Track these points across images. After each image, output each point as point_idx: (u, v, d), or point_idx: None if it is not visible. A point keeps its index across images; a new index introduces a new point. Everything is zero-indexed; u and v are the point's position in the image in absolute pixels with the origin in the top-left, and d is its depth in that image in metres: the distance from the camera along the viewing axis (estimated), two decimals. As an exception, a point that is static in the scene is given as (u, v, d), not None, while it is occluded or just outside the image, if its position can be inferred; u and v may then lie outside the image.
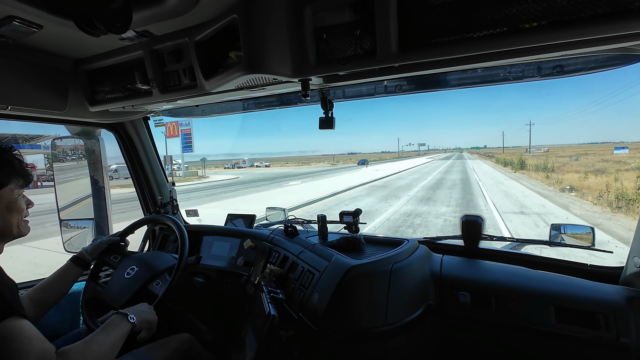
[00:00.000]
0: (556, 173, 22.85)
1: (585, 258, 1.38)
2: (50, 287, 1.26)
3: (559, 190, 15.64)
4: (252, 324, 1.19)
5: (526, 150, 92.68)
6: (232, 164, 74.84)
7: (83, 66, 1.38)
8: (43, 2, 0.82)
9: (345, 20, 0.91)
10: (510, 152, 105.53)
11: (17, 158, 0.99)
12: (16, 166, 0.97)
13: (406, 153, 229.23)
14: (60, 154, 2.03)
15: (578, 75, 1.11)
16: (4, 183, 0.93)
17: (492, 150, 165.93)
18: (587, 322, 1.00)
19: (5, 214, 0.94)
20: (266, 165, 67.00)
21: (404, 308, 1.12)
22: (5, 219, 0.94)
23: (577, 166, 27.82)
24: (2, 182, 0.93)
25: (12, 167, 0.96)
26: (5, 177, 0.93)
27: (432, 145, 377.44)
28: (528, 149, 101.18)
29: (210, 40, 1.09)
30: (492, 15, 0.75)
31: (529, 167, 27.56)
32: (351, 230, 1.57)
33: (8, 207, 0.94)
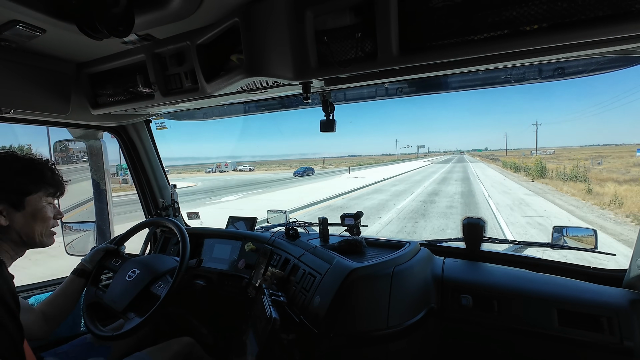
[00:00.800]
0: (587, 182, 16.67)
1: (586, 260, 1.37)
2: (57, 301, 1.26)
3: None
4: (253, 327, 1.18)
5: (531, 153, 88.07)
6: (213, 167, 69.37)
7: (85, 69, 1.39)
8: (46, 7, 0.83)
9: (346, 23, 0.91)
10: (512, 154, 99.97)
11: (50, 169, 1.01)
12: (47, 175, 0.99)
13: (404, 155, 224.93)
14: (62, 156, 2.04)
15: (579, 77, 1.11)
16: (32, 190, 0.94)
17: (495, 153, 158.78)
18: (591, 326, 0.99)
19: (30, 221, 0.94)
20: (250, 169, 62.92)
21: (406, 311, 1.11)
22: (30, 227, 0.94)
23: (606, 172, 22.54)
24: (30, 190, 0.94)
25: (42, 176, 0.97)
26: (34, 185, 0.95)
27: (432, 148, 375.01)
28: (534, 150, 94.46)
29: (212, 43, 1.10)
30: (492, 18, 0.76)
31: (551, 174, 21.23)
32: (352, 233, 1.56)
33: (33, 215, 0.95)
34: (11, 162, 0.93)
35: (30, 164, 0.97)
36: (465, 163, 56.47)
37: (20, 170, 0.94)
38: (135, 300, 1.35)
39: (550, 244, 1.40)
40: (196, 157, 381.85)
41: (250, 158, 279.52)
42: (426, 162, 68.28)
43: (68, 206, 1.93)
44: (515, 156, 69.28)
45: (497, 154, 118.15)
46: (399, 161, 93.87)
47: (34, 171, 0.96)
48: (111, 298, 1.40)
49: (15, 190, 0.92)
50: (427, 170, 38.89)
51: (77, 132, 1.91)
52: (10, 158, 0.94)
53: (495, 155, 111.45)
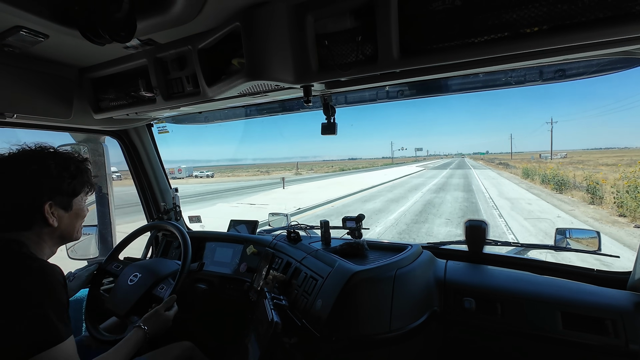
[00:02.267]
0: None
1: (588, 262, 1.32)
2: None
3: None
4: (255, 331, 1.18)
5: (540, 156, 78.66)
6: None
7: (88, 74, 1.40)
8: (49, 13, 0.84)
9: (347, 26, 0.91)
10: (518, 157, 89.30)
11: (90, 168, 1.04)
12: (89, 175, 1.03)
13: (401, 159, 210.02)
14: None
15: (580, 79, 1.11)
16: (78, 191, 0.98)
17: (498, 156, 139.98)
18: (595, 329, 0.98)
19: (73, 220, 0.99)
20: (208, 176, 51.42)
21: (408, 314, 1.10)
22: (72, 224, 0.99)
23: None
24: (77, 190, 0.98)
25: (87, 176, 1.01)
26: (80, 186, 0.98)
27: (431, 151, 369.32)
28: (544, 154, 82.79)
29: (213, 47, 1.10)
30: (493, 21, 0.76)
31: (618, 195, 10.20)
32: (354, 236, 1.56)
33: (77, 214, 0.99)
34: (66, 165, 0.95)
35: (79, 165, 0.99)
36: (467, 169, 42.50)
37: (73, 172, 0.96)
38: (138, 304, 1.35)
39: (553, 246, 1.39)
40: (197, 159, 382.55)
41: (251, 161, 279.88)
42: (419, 167, 55.49)
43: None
44: (524, 160, 62.01)
45: (500, 158, 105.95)
46: (383, 167, 75.83)
47: (82, 172, 1.00)
48: (113, 302, 1.40)
49: (67, 193, 0.95)
50: (412, 182, 24.17)
51: (79, 136, 1.92)
52: (64, 160, 0.96)
53: (500, 159, 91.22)
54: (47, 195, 0.89)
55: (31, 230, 0.89)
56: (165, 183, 2.17)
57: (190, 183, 38.50)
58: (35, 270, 0.80)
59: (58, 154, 0.96)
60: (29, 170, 0.88)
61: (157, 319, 1.22)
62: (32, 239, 0.89)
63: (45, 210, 0.89)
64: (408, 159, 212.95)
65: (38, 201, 0.88)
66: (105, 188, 1.99)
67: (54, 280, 0.81)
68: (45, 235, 0.92)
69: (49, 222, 0.90)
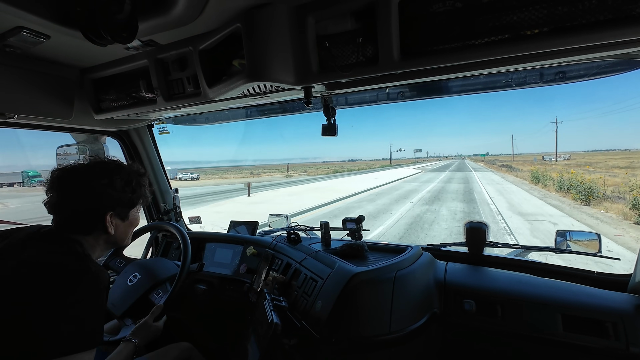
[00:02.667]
0: None
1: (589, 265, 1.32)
2: None
3: None
4: (255, 332, 1.18)
5: (542, 158, 74.38)
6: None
7: (89, 75, 1.41)
8: (51, 13, 0.84)
9: (348, 28, 0.92)
10: (519, 159, 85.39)
11: (147, 182, 1.12)
12: (146, 188, 1.10)
13: (402, 161, 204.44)
14: (65, 161, 2.04)
15: (581, 81, 1.11)
16: (135, 203, 1.06)
17: (499, 158, 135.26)
18: (596, 331, 0.98)
19: (128, 228, 1.06)
20: (193, 178, 49.11)
21: (408, 316, 1.10)
22: (125, 232, 1.06)
23: None
24: (135, 203, 1.05)
25: (144, 189, 1.09)
26: (137, 198, 1.06)
27: (431, 152, 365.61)
28: (547, 155, 78.96)
29: (214, 48, 1.10)
30: (493, 23, 0.76)
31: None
32: (354, 237, 1.56)
33: (132, 223, 1.07)
34: (129, 180, 1.02)
35: (139, 180, 1.06)
36: (468, 172, 38.27)
37: (134, 187, 1.03)
38: (134, 307, 1.35)
39: (553, 248, 1.39)
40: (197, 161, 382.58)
41: (251, 162, 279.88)
42: (416, 170, 50.23)
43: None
44: (527, 162, 57.27)
45: (502, 159, 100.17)
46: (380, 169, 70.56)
47: (141, 186, 1.07)
48: (112, 301, 1.40)
49: (127, 204, 1.02)
50: (403, 188, 20.19)
51: (80, 136, 1.92)
52: (127, 175, 1.02)
53: (501, 161, 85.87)
54: (110, 207, 0.97)
55: (91, 235, 0.96)
56: (165, 184, 2.17)
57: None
58: (92, 272, 0.84)
59: (123, 169, 1.03)
60: (99, 183, 0.95)
61: (147, 330, 1.24)
62: (90, 241, 0.96)
63: (106, 220, 0.96)
64: (407, 160, 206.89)
65: (102, 211, 0.95)
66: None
67: (103, 287, 0.85)
68: (101, 239, 0.99)
69: (108, 230, 0.97)
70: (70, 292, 0.78)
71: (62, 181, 0.95)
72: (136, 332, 1.21)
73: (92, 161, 1.01)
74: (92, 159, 1.02)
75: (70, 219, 0.93)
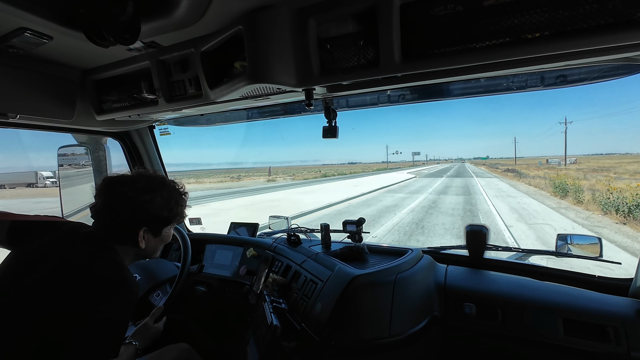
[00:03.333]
0: None
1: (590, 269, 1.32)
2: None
3: None
4: (254, 334, 1.17)
5: (547, 161, 66.22)
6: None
7: (91, 76, 1.41)
8: (54, 15, 0.84)
9: (349, 31, 0.92)
10: (522, 163, 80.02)
11: (185, 201, 1.11)
12: (182, 208, 1.10)
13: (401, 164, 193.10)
14: (66, 162, 2.05)
15: (582, 85, 1.11)
16: (170, 222, 1.05)
17: (500, 161, 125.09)
18: (597, 336, 0.98)
19: (159, 243, 1.07)
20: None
21: (408, 319, 1.10)
22: (156, 247, 1.06)
23: None
24: (170, 221, 1.05)
25: (181, 209, 1.09)
26: (173, 217, 1.05)
27: (430, 155, 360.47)
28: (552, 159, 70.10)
29: (216, 50, 1.11)
30: (494, 26, 0.76)
31: None
32: (355, 240, 1.56)
33: (163, 239, 1.07)
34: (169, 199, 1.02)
35: (178, 200, 1.06)
36: (468, 177, 32.15)
37: (172, 206, 1.03)
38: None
39: (554, 252, 1.39)
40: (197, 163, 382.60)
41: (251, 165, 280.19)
42: (409, 175, 42.54)
43: (71, 210, 1.93)
44: (531, 166, 52.92)
45: (503, 163, 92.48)
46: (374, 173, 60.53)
47: (179, 206, 1.07)
48: None
49: (162, 222, 1.02)
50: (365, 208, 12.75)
51: (81, 137, 1.93)
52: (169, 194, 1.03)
53: (503, 164, 76.45)
54: (145, 222, 0.97)
55: (123, 246, 0.97)
56: (166, 185, 2.17)
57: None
58: (128, 283, 0.85)
59: (165, 187, 1.03)
60: (141, 200, 0.96)
61: (147, 332, 1.24)
62: (122, 251, 0.97)
63: (139, 235, 0.97)
64: (406, 163, 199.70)
65: (137, 226, 0.96)
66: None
67: (135, 299, 0.86)
68: (131, 251, 1.00)
69: (139, 244, 0.98)
70: (105, 299, 0.79)
71: (108, 190, 0.97)
72: (136, 334, 1.21)
73: (136, 174, 1.02)
74: (137, 172, 1.03)
75: (108, 228, 0.95)
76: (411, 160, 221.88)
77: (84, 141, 1.95)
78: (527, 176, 28.75)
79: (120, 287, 0.83)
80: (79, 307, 0.76)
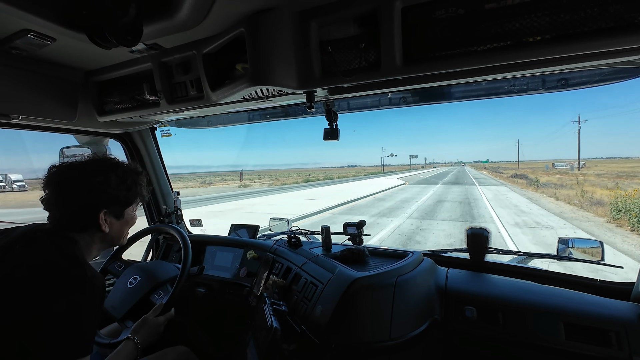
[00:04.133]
0: None
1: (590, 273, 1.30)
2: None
3: None
4: (254, 337, 1.17)
5: (553, 165, 61.28)
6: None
7: (93, 77, 1.42)
8: (57, 16, 0.85)
9: (350, 34, 0.92)
10: (524, 167, 73.31)
11: (144, 180, 1.10)
12: (142, 187, 1.09)
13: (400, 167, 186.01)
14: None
15: (583, 88, 1.11)
16: (131, 202, 1.04)
17: (501, 165, 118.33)
18: (598, 340, 0.97)
19: (124, 226, 1.05)
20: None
21: (409, 322, 1.09)
22: (121, 230, 1.05)
23: None
24: (130, 201, 1.04)
25: (140, 188, 1.08)
26: (133, 197, 1.04)
27: (430, 158, 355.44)
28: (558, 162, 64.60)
29: (218, 52, 1.11)
30: (495, 29, 0.76)
31: None
32: (355, 242, 1.55)
33: (127, 222, 1.06)
34: (124, 178, 1.01)
35: (135, 178, 1.05)
36: (469, 185, 26.19)
37: (129, 185, 1.02)
38: (135, 308, 1.35)
39: (555, 255, 1.38)
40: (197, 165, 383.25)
41: (252, 167, 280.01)
42: (399, 181, 34.74)
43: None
44: (537, 170, 47.90)
45: (505, 167, 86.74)
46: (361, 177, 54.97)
47: (137, 185, 1.06)
48: (111, 304, 1.39)
49: (121, 203, 1.01)
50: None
51: (83, 138, 1.93)
52: (123, 173, 1.01)
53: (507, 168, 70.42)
54: (104, 204, 0.96)
55: (86, 233, 0.95)
56: (167, 186, 2.18)
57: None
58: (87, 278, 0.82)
59: (119, 167, 1.02)
60: (95, 181, 0.95)
61: (147, 327, 1.22)
62: (85, 239, 0.95)
63: (100, 218, 0.95)
64: (404, 167, 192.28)
65: (96, 209, 0.95)
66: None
67: (97, 293, 0.84)
68: (96, 238, 0.98)
69: (102, 228, 0.96)
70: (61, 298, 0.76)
71: (59, 178, 0.95)
72: (137, 329, 1.19)
73: (88, 159, 1.01)
74: (89, 157, 1.02)
75: (65, 216, 0.93)
76: (409, 163, 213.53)
77: (85, 142, 1.96)
78: (546, 185, 22.10)
79: (77, 282, 0.80)
80: (35, 310, 0.73)
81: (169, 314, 1.31)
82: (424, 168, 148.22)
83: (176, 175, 79.39)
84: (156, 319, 1.25)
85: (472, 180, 32.47)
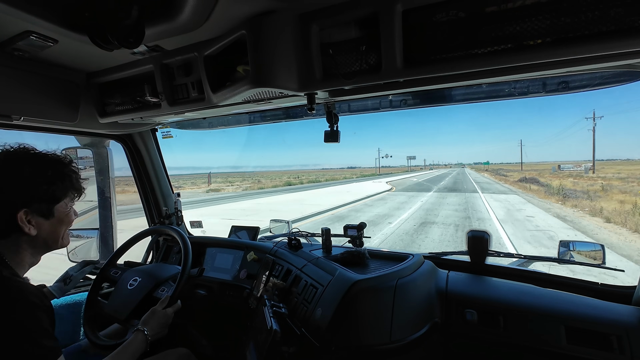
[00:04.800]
0: None
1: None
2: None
3: None
4: (254, 339, 1.17)
5: (559, 167, 55.57)
6: None
7: (95, 79, 1.42)
8: (59, 18, 0.85)
9: (351, 36, 0.93)
10: (529, 168, 70.76)
11: (75, 172, 0.98)
12: (73, 180, 0.97)
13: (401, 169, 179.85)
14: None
15: (583, 91, 1.11)
16: (61, 197, 0.93)
17: (503, 167, 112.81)
18: (600, 344, 0.96)
19: (57, 225, 0.93)
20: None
21: (409, 325, 1.09)
22: (56, 231, 0.94)
23: None
24: (59, 196, 0.92)
25: (70, 181, 0.95)
26: (63, 191, 0.93)
27: (429, 159, 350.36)
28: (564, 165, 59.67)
29: (219, 55, 1.12)
30: (496, 32, 0.77)
31: None
32: (355, 244, 1.55)
33: (60, 221, 0.94)
34: (43, 169, 0.90)
35: (60, 169, 0.93)
36: (471, 192, 21.67)
37: (51, 178, 0.90)
38: (139, 308, 1.34)
39: (556, 258, 1.38)
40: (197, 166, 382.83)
41: (252, 168, 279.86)
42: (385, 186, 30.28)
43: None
44: (544, 172, 44.59)
45: (507, 169, 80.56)
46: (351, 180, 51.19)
47: (63, 177, 0.93)
48: (113, 307, 1.39)
49: (47, 200, 0.89)
50: None
51: (84, 139, 1.94)
52: (41, 164, 0.90)
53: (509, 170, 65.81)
54: (20, 203, 0.84)
55: (9, 239, 0.85)
56: (167, 188, 2.18)
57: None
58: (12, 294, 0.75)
59: (36, 158, 0.90)
60: (4, 175, 0.84)
61: (156, 317, 1.19)
62: (10, 247, 0.85)
63: (18, 219, 0.83)
64: (402, 168, 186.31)
65: (11, 209, 0.83)
66: (108, 192, 2.00)
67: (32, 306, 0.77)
68: (24, 243, 0.87)
69: (25, 230, 0.84)
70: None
71: None
72: (146, 320, 1.16)
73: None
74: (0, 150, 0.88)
75: None
76: (406, 164, 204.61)
77: (87, 143, 1.96)
78: (569, 193, 16.50)
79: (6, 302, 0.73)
80: None
81: (176, 305, 1.29)
82: (422, 170, 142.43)
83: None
84: (165, 310, 1.23)
85: (473, 186, 26.95)
